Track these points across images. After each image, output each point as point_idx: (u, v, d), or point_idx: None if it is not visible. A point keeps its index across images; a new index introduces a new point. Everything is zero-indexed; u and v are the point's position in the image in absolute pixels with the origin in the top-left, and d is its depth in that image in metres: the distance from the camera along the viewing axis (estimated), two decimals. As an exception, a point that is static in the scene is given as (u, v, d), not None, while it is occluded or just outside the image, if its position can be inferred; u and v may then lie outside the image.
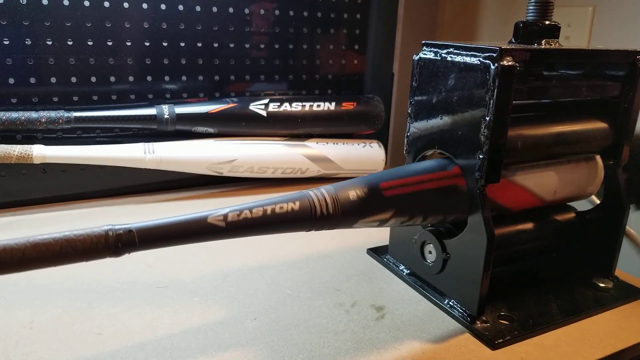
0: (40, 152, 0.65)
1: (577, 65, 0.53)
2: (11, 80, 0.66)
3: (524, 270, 0.57)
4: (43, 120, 0.66)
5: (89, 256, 0.32)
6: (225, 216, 0.38)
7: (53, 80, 0.69)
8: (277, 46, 0.83)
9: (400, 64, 0.94)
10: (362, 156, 0.83)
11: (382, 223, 0.45)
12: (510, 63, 0.41)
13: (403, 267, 0.55)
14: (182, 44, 0.76)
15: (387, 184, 0.45)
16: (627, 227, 0.56)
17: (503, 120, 0.43)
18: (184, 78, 0.77)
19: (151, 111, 0.72)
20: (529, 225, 0.54)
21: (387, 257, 0.58)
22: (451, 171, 0.47)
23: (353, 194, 0.43)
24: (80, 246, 0.32)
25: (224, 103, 0.77)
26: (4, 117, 0.64)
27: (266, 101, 0.79)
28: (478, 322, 0.46)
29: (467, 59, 0.44)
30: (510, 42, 0.50)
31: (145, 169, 0.71)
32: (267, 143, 0.79)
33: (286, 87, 0.85)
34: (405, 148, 0.53)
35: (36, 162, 0.64)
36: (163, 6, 0.73)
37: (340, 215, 0.42)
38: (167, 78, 0.76)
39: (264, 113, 0.78)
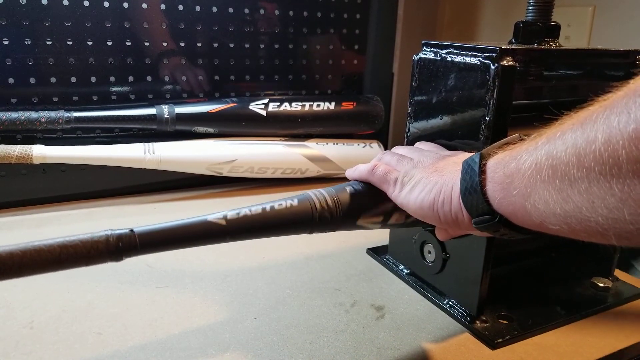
0: (40, 152, 0.65)
1: (577, 65, 0.53)
2: (11, 80, 0.66)
3: (524, 270, 0.57)
4: (43, 120, 0.66)
5: (90, 261, 0.32)
6: (226, 219, 0.37)
7: (53, 80, 0.69)
8: (277, 46, 0.83)
9: (400, 64, 0.94)
10: (362, 156, 0.83)
11: (383, 224, 0.45)
12: (510, 63, 0.41)
13: (403, 267, 0.55)
14: (182, 44, 0.76)
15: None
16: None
17: (503, 121, 0.43)
18: (184, 78, 0.77)
19: (151, 111, 0.72)
20: (528, 225, 0.54)
21: (386, 257, 0.58)
22: None
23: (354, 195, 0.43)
24: (81, 251, 0.31)
25: (224, 103, 0.77)
26: (4, 117, 0.64)
27: (266, 101, 0.79)
28: (478, 322, 0.46)
29: (467, 59, 0.44)
30: (510, 42, 0.50)
31: (145, 169, 0.71)
32: (267, 143, 0.79)
33: (286, 87, 0.85)
34: (405, 148, 0.53)
35: (36, 162, 0.64)
36: (163, 6, 0.73)
37: (341, 217, 0.42)
38: (167, 78, 0.76)
39: (263, 113, 0.78)
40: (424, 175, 0.40)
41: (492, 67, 0.41)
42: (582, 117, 0.27)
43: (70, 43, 0.68)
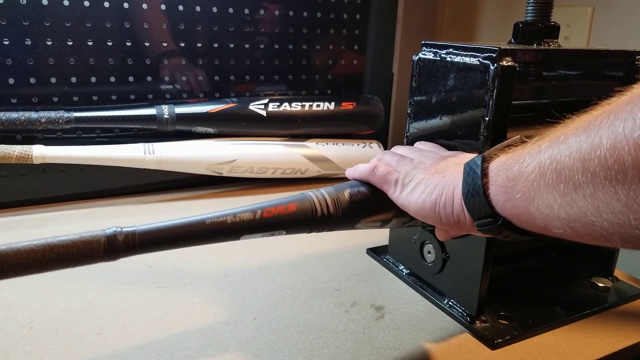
0: (40, 152, 0.65)
1: (577, 66, 0.53)
2: (11, 80, 0.66)
3: (524, 270, 0.57)
4: (43, 120, 0.66)
5: (86, 260, 0.32)
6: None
7: (53, 80, 0.69)
8: (276, 46, 0.83)
9: (399, 64, 0.94)
10: (362, 156, 0.83)
11: (383, 224, 0.45)
12: (509, 63, 0.41)
13: (403, 267, 0.55)
14: (182, 44, 0.76)
15: None
16: None
17: (502, 121, 0.43)
18: (184, 78, 0.77)
19: (151, 111, 0.72)
20: (528, 225, 0.54)
21: (386, 257, 0.58)
22: None
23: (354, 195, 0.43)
24: (76, 251, 0.31)
25: (224, 103, 0.77)
26: (4, 117, 0.64)
27: (266, 101, 0.79)
28: (477, 322, 0.46)
29: (467, 60, 0.44)
30: (509, 42, 0.50)
31: (145, 169, 0.71)
32: (267, 143, 0.79)
33: (286, 87, 0.85)
34: (405, 148, 0.53)
35: (36, 162, 0.64)
36: (163, 6, 0.73)
37: (341, 217, 0.42)
38: (167, 78, 0.76)
39: (263, 113, 0.78)
40: (425, 176, 0.40)
41: (492, 67, 0.41)
42: (586, 122, 0.27)
43: (70, 43, 0.68)
